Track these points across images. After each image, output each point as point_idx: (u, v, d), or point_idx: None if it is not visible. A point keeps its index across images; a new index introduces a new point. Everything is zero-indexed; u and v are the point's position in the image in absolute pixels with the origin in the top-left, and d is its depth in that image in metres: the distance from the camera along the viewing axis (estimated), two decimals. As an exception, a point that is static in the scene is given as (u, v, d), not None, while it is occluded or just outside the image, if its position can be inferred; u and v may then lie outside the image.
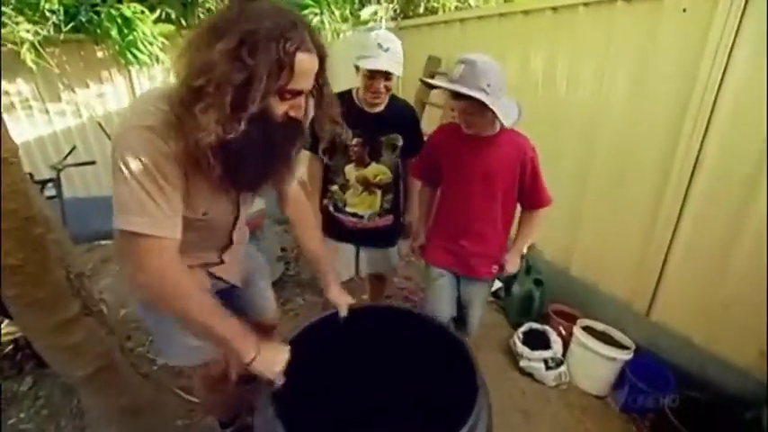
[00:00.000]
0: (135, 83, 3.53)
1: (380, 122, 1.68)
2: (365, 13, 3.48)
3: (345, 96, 1.65)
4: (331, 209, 1.82)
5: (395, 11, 3.86)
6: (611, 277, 2.23)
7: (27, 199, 1.22)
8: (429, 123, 3.06)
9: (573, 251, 2.45)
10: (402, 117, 1.75)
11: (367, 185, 1.75)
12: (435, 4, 4.36)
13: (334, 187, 1.78)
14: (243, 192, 1.07)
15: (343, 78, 1.40)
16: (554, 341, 2.18)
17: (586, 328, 2.09)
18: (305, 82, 0.86)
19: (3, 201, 1.11)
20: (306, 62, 0.82)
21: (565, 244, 2.48)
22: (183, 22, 3.22)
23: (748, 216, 1.60)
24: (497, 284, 2.86)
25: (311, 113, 1.00)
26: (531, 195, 1.55)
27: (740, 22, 1.49)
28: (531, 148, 1.50)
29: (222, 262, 1.21)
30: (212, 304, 0.92)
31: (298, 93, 0.86)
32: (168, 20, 3.10)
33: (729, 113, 1.60)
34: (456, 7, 4.25)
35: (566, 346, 2.16)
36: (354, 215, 1.80)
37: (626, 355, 1.93)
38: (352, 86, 1.69)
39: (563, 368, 2.07)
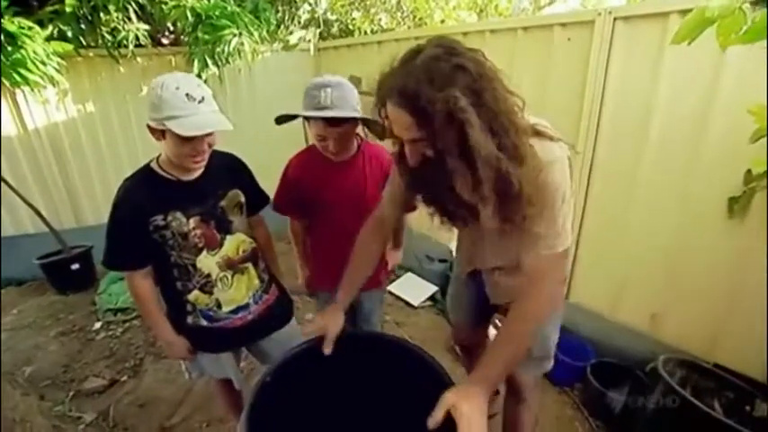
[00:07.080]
0: (22, 105, 3.10)
1: (209, 185, 1.32)
2: (293, 38, 3.44)
3: (145, 175, 1.27)
4: (205, 324, 1.37)
5: (321, 34, 3.93)
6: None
7: None
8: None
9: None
10: (230, 167, 1.43)
11: (234, 266, 1.37)
12: (351, 27, 4.55)
13: (192, 295, 1.33)
14: None
15: (263, 100, 1.28)
16: (492, 335, 2.37)
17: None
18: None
19: None
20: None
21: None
22: (83, 41, 2.93)
23: (632, 207, 1.93)
24: (433, 288, 3.04)
25: None
26: None
27: (610, 47, 1.84)
28: (388, 152, 1.43)
29: None
30: None
31: None
32: (64, 38, 2.80)
33: (610, 119, 1.94)
34: (371, 30, 4.48)
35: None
36: (238, 310, 1.39)
37: (552, 336, 2.19)
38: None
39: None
